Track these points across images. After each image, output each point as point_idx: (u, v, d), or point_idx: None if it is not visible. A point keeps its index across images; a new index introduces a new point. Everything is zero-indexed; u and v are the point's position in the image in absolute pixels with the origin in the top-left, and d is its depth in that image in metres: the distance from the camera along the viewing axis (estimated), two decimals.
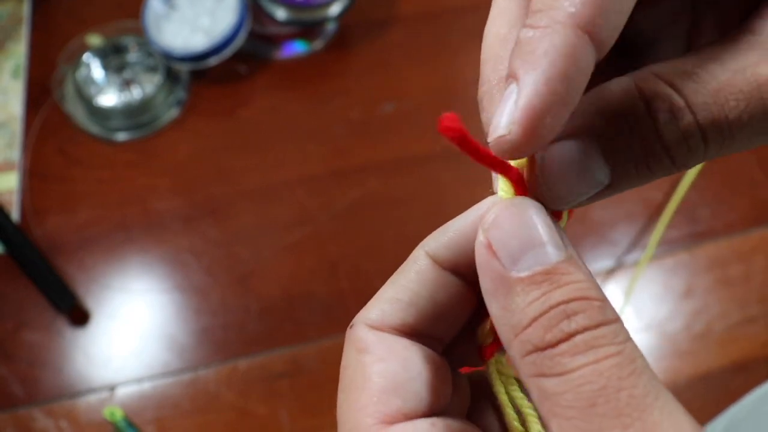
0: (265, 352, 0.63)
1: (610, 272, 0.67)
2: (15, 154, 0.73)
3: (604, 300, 0.19)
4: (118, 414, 0.59)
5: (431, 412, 0.22)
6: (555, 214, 0.22)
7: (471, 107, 0.78)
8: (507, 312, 0.19)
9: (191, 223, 0.70)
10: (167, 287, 0.67)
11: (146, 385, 0.62)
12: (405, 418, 0.21)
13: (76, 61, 0.76)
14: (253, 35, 0.78)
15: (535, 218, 0.20)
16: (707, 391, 0.62)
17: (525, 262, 0.19)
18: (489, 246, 0.20)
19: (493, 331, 0.23)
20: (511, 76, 0.19)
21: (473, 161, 0.22)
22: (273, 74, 0.78)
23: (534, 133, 0.18)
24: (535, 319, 0.19)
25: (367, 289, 0.24)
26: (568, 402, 0.18)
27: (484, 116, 0.23)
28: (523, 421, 0.23)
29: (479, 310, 0.24)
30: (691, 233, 0.69)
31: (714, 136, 0.19)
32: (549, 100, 0.18)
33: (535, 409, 0.22)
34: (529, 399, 0.22)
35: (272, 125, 0.75)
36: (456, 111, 0.73)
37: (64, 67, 0.77)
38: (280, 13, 0.76)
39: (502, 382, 0.24)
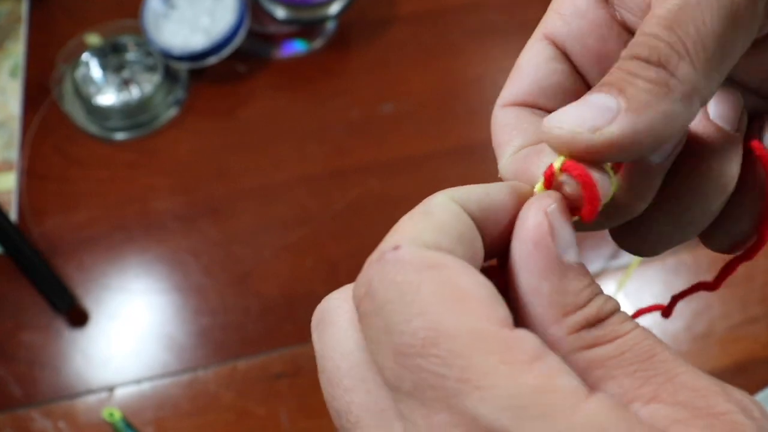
0: (264, 353, 0.63)
1: (604, 272, 0.67)
2: (13, 153, 0.73)
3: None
4: (117, 415, 0.58)
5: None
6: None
7: (471, 107, 0.78)
8: (559, 293, 0.21)
9: (191, 223, 0.69)
10: (166, 287, 0.66)
11: (145, 386, 0.62)
12: (513, 324, 0.19)
13: (74, 61, 0.76)
14: (252, 34, 0.78)
15: (569, 220, 0.22)
16: None
17: (569, 255, 0.21)
18: (551, 230, 0.21)
19: None
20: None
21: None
22: (272, 74, 0.78)
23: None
24: (590, 300, 0.21)
25: None
26: (629, 360, 0.20)
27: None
28: None
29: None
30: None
31: (664, 28, 0.21)
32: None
33: None
34: None
35: (272, 125, 0.75)
36: (456, 111, 0.74)
37: (63, 66, 0.76)
38: (280, 12, 0.76)
39: None
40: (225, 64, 0.76)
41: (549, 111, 0.26)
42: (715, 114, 0.25)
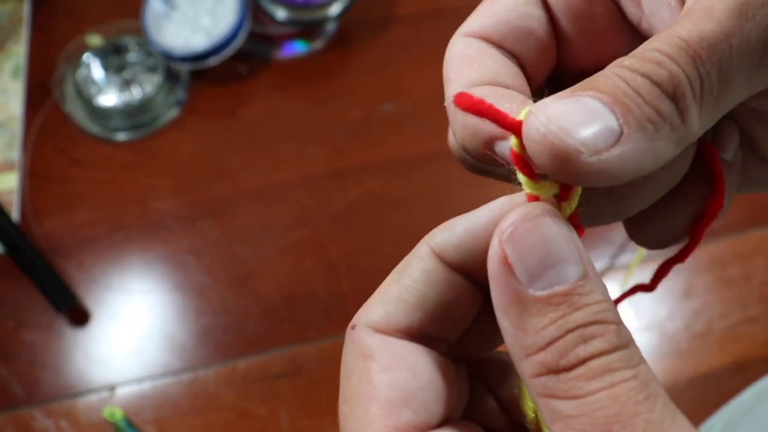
0: (265, 352, 0.63)
1: (606, 271, 0.67)
2: (15, 154, 0.73)
3: (619, 322, 0.19)
4: (118, 414, 0.59)
5: (441, 420, 0.21)
6: (573, 221, 0.21)
7: None
8: (520, 331, 0.19)
9: (191, 223, 0.70)
10: (167, 287, 0.67)
11: (146, 385, 0.62)
12: (417, 429, 0.20)
13: (76, 61, 0.76)
14: (253, 35, 0.78)
15: (556, 230, 0.19)
16: (707, 390, 0.62)
17: (543, 281, 0.19)
18: (505, 260, 0.19)
19: None
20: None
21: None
22: (273, 74, 0.78)
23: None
24: (550, 343, 0.18)
25: (367, 289, 0.23)
26: (582, 426, 0.18)
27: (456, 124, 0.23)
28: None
29: (486, 309, 0.23)
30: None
31: (688, 61, 0.19)
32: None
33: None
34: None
35: (272, 125, 0.75)
36: None
37: (64, 67, 0.76)
38: (280, 13, 0.76)
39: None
40: (226, 64, 0.76)
41: (513, 54, 0.24)
42: None
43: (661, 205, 0.25)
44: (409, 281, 0.22)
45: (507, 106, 0.21)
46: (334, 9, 0.76)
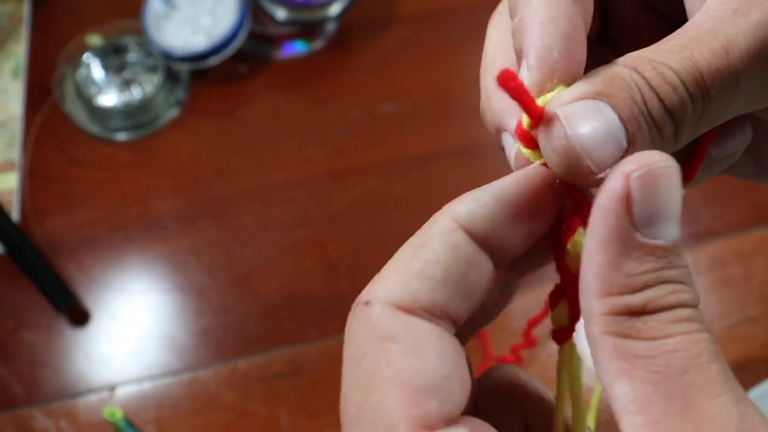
0: (265, 352, 0.63)
1: None
2: (15, 154, 0.73)
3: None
4: (118, 414, 0.59)
5: (462, 411, 0.20)
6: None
7: (471, 107, 0.78)
8: (613, 269, 0.19)
9: (191, 223, 0.70)
10: (167, 287, 0.67)
11: (146, 386, 0.62)
12: (443, 422, 0.19)
13: (76, 61, 0.76)
14: (253, 35, 0.78)
15: (679, 188, 0.19)
16: None
17: (654, 230, 0.19)
18: (628, 197, 0.19)
19: (570, 313, 0.22)
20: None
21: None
22: (273, 74, 0.78)
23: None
24: (643, 289, 0.19)
25: None
26: (656, 367, 0.18)
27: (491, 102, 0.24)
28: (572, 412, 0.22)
29: (504, 290, 0.23)
30: (691, 233, 0.69)
31: (698, 93, 0.20)
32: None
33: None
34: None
35: (272, 125, 0.75)
36: (456, 111, 0.74)
37: (64, 67, 0.77)
38: (280, 13, 0.76)
39: (566, 369, 0.23)
40: (226, 64, 0.76)
41: None
42: None
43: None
44: (433, 256, 0.20)
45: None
46: (334, 9, 0.76)
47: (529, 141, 0.22)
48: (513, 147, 0.23)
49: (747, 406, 0.18)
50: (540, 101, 0.21)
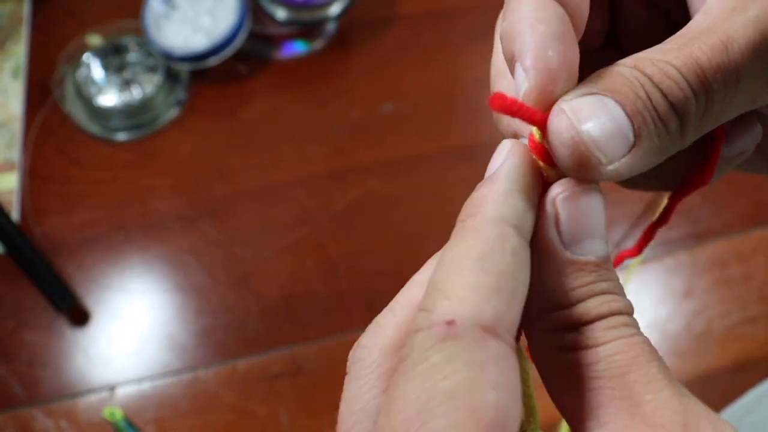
0: (265, 352, 0.63)
1: None
2: (15, 154, 0.73)
3: None
4: (118, 414, 0.59)
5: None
6: None
7: (471, 107, 0.78)
8: (548, 287, 0.20)
9: (191, 223, 0.70)
10: (167, 287, 0.67)
11: (146, 385, 0.62)
12: None
13: (76, 61, 0.76)
14: (253, 35, 0.78)
15: (601, 206, 0.21)
16: (707, 390, 0.62)
17: (582, 247, 0.20)
18: (557, 219, 0.20)
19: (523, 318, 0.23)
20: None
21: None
22: (273, 74, 0.78)
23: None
24: (577, 303, 0.20)
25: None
26: (599, 372, 0.19)
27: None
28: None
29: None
30: (691, 233, 0.69)
31: (700, 88, 0.21)
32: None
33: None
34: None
35: (272, 125, 0.75)
36: (456, 111, 0.74)
37: (64, 67, 0.76)
38: (280, 13, 0.76)
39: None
40: (226, 64, 0.76)
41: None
42: None
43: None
44: (502, 267, 0.19)
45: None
46: (334, 9, 0.76)
47: (544, 154, 0.22)
48: (523, 83, 0.23)
49: (689, 398, 0.19)
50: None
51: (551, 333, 0.20)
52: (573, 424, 0.19)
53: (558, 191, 0.21)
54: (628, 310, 0.20)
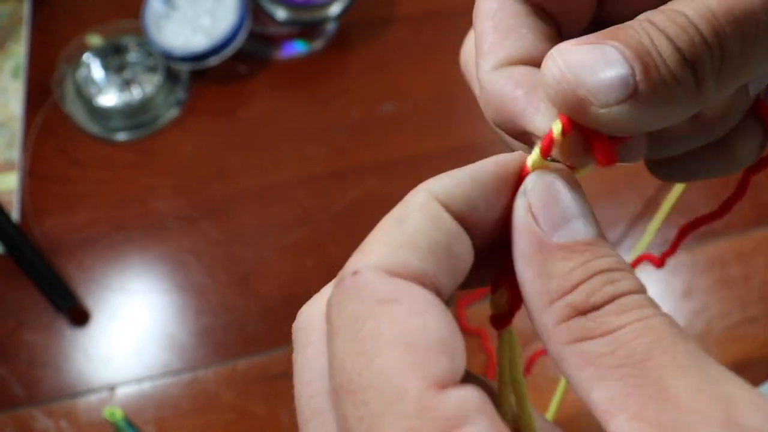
0: (265, 352, 0.63)
1: None
2: (15, 154, 0.73)
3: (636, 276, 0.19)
4: (118, 414, 0.59)
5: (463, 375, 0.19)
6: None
7: (471, 107, 0.78)
8: (543, 278, 0.19)
9: (191, 223, 0.70)
10: (167, 287, 0.67)
11: (146, 385, 0.62)
12: (453, 381, 0.18)
13: (76, 61, 0.76)
14: (253, 35, 0.78)
15: (571, 189, 0.20)
16: None
17: (566, 230, 0.19)
18: (530, 209, 0.20)
19: (510, 299, 0.22)
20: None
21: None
22: (273, 74, 0.78)
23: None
24: (578, 284, 0.18)
25: None
26: (620, 360, 0.17)
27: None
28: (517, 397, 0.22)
29: (474, 266, 0.23)
30: (691, 233, 0.69)
31: (713, 35, 0.20)
32: None
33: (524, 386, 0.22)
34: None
35: (272, 125, 0.75)
36: (456, 111, 0.74)
37: (64, 67, 0.77)
38: (280, 13, 0.76)
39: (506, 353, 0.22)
40: (226, 64, 0.76)
41: (552, 16, 0.23)
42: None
43: (700, 152, 0.26)
44: (417, 227, 0.20)
45: (542, 106, 0.21)
46: (334, 9, 0.76)
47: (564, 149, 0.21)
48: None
49: (726, 377, 0.17)
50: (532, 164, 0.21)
51: (564, 325, 0.18)
52: (606, 419, 0.17)
53: (527, 181, 0.20)
54: (637, 288, 0.19)
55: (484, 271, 0.23)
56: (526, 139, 0.23)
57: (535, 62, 0.23)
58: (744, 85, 0.24)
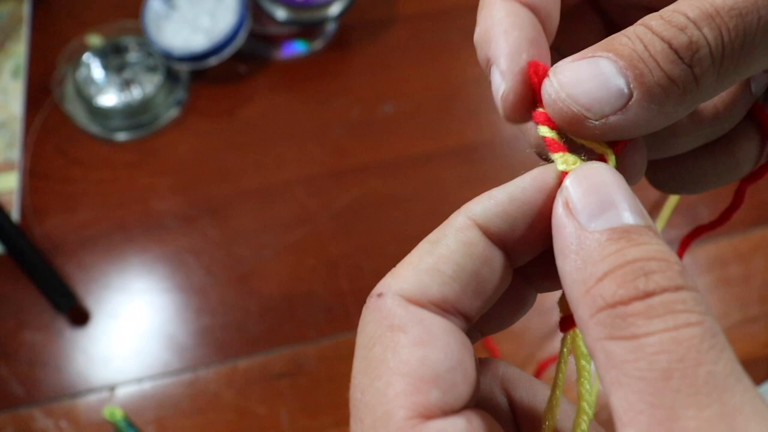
0: (265, 352, 0.63)
1: None
2: (15, 154, 0.73)
3: (683, 267, 0.18)
4: (118, 414, 0.59)
5: (465, 404, 0.20)
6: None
7: (471, 107, 0.78)
8: (579, 267, 0.18)
9: (191, 222, 0.70)
10: (167, 287, 0.67)
11: (146, 385, 0.62)
12: (441, 412, 0.19)
13: (76, 61, 0.76)
14: (253, 35, 0.78)
15: (612, 177, 0.20)
16: None
17: (603, 220, 0.19)
18: (567, 204, 0.20)
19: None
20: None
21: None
22: (273, 74, 0.78)
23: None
24: (609, 273, 0.18)
25: (367, 288, 0.22)
26: (640, 372, 0.16)
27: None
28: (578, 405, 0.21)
29: (512, 287, 0.23)
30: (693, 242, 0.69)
31: (713, 30, 0.20)
32: None
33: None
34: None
35: (272, 125, 0.75)
36: (456, 111, 0.74)
37: (64, 67, 0.77)
38: (280, 13, 0.76)
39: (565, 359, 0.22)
40: (226, 64, 0.76)
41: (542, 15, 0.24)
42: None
43: (701, 153, 0.26)
44: (446, 252, 0.21)
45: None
46: (334, 9, 0.76)
47: (560, 147, 0.22)
48: (501, 85, 0.23)
49: (739, 416, 0.16)
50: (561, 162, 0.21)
51: (590, 318, 0.18)
52: (618, 426, 0.17)
53: (564, 181, 0.20)
54: (675, 285, 0.17)
55: (531, 290, 0.24)
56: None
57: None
58: (747, 82, 0.24)
